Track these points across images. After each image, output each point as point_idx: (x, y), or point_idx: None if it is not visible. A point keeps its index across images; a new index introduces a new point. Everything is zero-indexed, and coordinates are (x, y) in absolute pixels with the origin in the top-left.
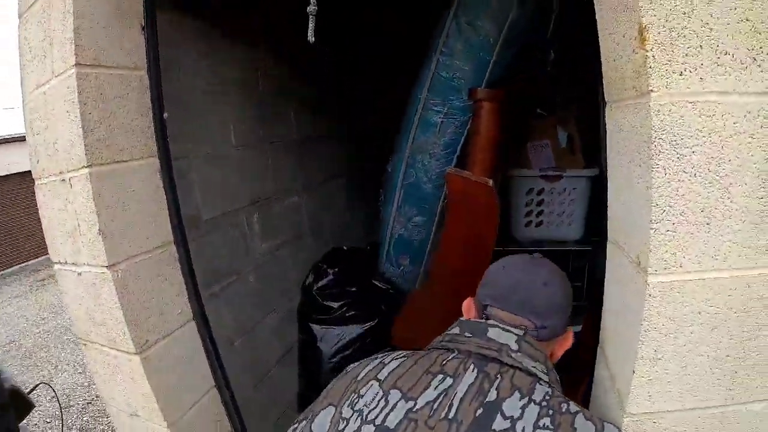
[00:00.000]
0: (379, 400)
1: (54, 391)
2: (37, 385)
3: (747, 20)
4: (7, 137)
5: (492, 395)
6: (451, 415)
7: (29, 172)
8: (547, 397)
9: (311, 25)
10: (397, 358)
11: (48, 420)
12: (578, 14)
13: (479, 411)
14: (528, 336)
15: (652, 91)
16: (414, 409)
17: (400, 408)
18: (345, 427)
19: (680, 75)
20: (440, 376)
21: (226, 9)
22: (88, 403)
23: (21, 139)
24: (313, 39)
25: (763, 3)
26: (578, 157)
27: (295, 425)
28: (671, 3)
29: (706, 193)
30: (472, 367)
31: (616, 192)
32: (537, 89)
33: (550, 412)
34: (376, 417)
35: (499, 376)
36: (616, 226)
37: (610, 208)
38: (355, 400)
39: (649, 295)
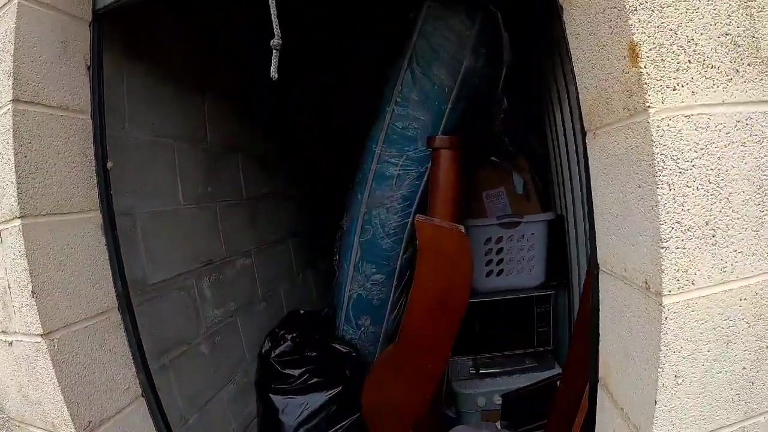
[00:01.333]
0: None
1: None
2: None
3: (727, 34)
4: None
5: None
6: None
7: None
8: None
9: (274, 61)
10: None
11: None
12: (530, 63)
13: None
14: None
15: (650, 107)
16: None
17: None
18: None
19: (673, 90)
20: None
21: (177, 54)
22: None
23: None
24: (276, 76)
25: (739, 17)
26: (534, 202)
27: None
28: (658, 20)
29: (710, 205)
30: None
31: (608, 222)
32: (490, 137)
33: None
34: None
35: None
36: (613, 256)
37: (601, 240)
38: None
39: (666, 318)
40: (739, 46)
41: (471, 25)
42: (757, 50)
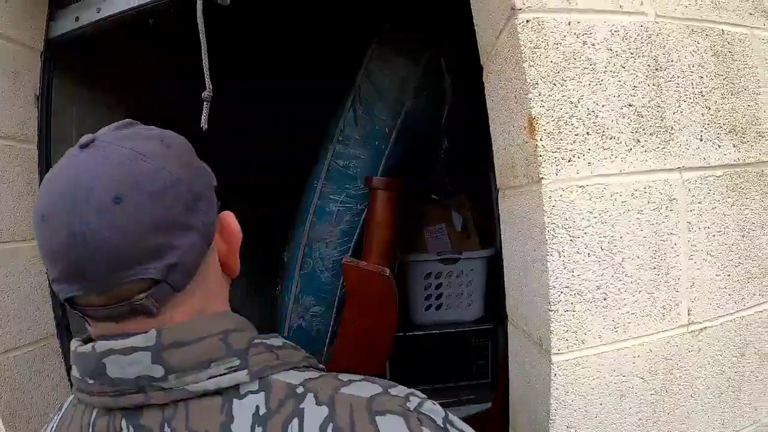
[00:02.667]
0: None
1: None
2: None
3: (630, 105)
4: None
5: None
6: None
7: None
8: (260, 405)
9: (205, 113)
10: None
11: None
12: (470, 105)
13: None
14: (165, 332)
15: (543, 178)
16: None
17: None
18: None
19: (569, 162)
20: None
21: (130, 83)
22: None
23: None
24: (206, 127)
25: (645, 88)
26: (474, 240)
27: None
28: (560, 93)
29: (601, 270)
30: (123, 424)
31: (513, 277)
32: (431, 176)
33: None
34: None
35: (166, 427)
36: (516, 309)
37: (509, 293)
38: None
39: (555, 374)
40: (642, 117)
41: (415, 67)
42: (662, 119)
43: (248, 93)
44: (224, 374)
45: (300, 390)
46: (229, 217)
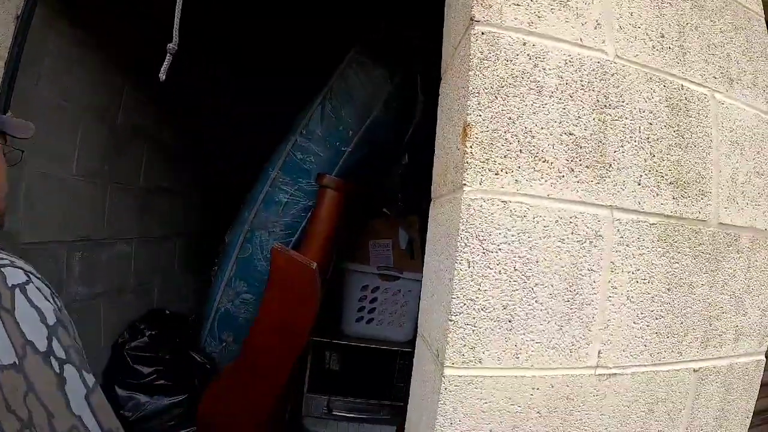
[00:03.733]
0: None
1: None
2: None
3: (571, 134)
4: None
5: None
6: None
7: None
8: None
9: (166, 63)
10: None
11: None
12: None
13: None
14: None
15: (465, 185)
16: None
17: None
18: None
19: (496, 174)
20: None
21: (113, 31)
22: None
23: None
24: (164, 78)
25: (589, 121)
26: (418, 261)
27: None
28: (500, 107)
29: (511, 290)
30: None
31: (427, 286)
32: (386, 189)
33: None
34: None
35: None
36: (425, 321)
37: (422, 303)
38: None
39: (445, 389)
40: (581, 147)
41: (390, 79)
42: (602, 155)
43: (247, 89)
44: None
45: None
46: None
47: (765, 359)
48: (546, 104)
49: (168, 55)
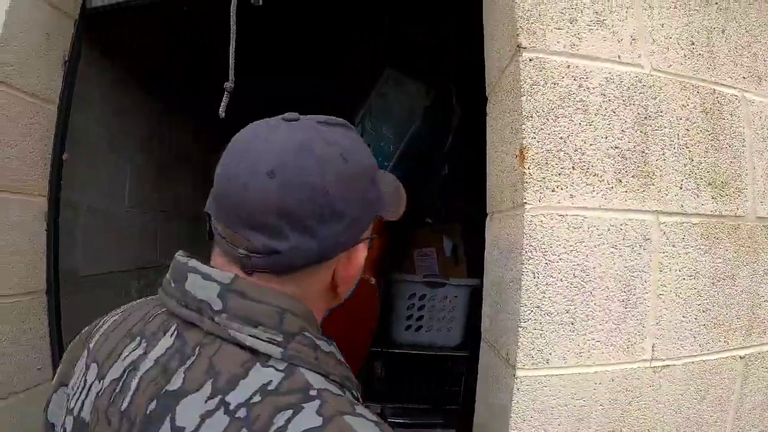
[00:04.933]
0: (80, 380)
1: None
2: None
3: (617, 147)
4: None
5: (175, 382)
6: (125, 404)
7: None
8: (257, 399)
9: (224, 101)
10: (119, 312)
11: None
12: (474, 134)
13: (152, 405)
14: (241, 280)
15: (526, 203)
16: (100, 393)
17: (93, 391)
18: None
19: (552, 191)
20: (138, 340)
21: (148, 57)
22: None
23: None
24: (224, 115)
25: (632, 134)
26: (461, 267)
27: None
28: (551, 128)
29: (572, 296)
30: (173, 328)
31: (490, 296)
32: (428, 199)
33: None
34: (74, 406)
35: (198, 350)
36: (489, 327)
37: (485, 311)
38: (72, 379)
39: (518, 389)
40: (626, 159)
41: (426, 93)
42: (645, 164)
43: (264, 91)
44: (263, 340)
45: (313, 393)
46: (361, 252)
47: None
48: (592, 122)
49: (226, 93)
